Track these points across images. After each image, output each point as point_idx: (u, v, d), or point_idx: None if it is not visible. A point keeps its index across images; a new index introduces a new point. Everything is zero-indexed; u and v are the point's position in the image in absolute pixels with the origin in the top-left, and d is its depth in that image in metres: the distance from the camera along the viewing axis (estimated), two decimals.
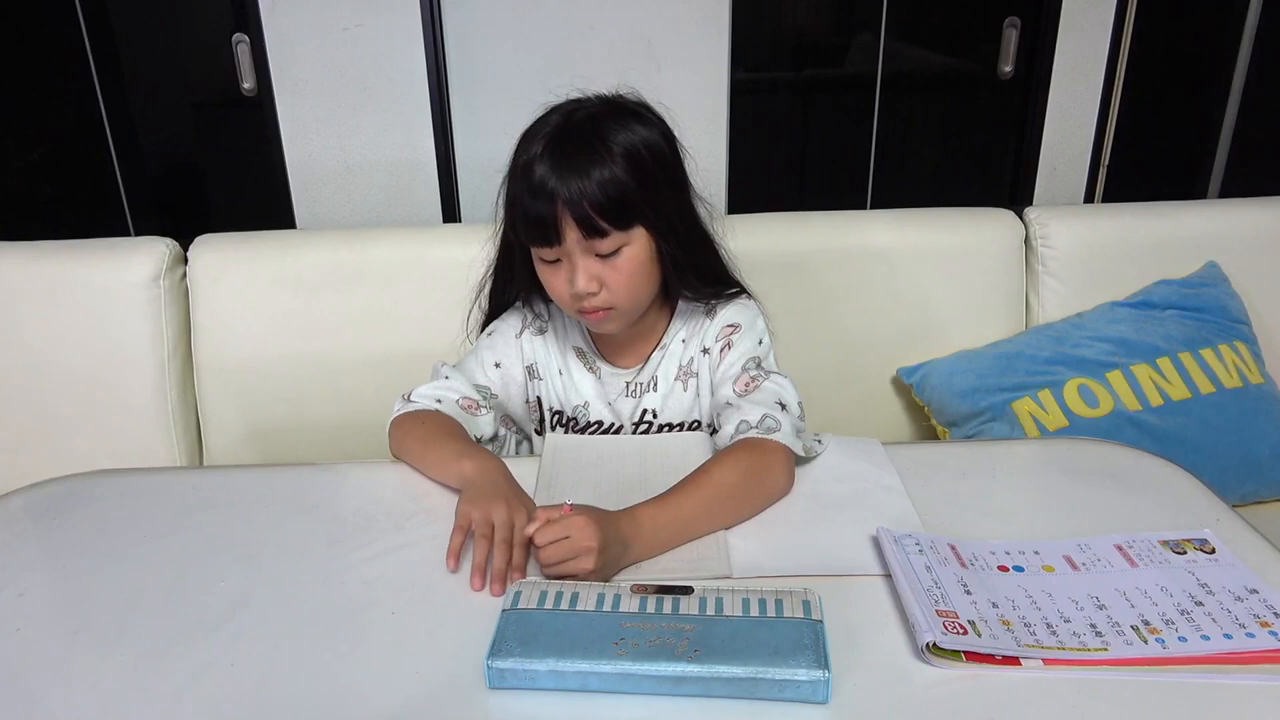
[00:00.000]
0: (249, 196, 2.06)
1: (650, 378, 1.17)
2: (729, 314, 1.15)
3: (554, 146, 1.02)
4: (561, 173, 1.00)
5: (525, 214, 1.02)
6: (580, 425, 1.19)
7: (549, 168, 1.00)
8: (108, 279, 1.51)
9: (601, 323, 1.09)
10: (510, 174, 1.06)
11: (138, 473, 1.11)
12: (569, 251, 1.03)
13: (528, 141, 1.04)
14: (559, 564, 0.84)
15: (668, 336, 1.17)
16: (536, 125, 1.06)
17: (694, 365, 1.17)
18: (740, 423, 1.03)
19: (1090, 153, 2.02)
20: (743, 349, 1.12)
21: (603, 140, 1.02)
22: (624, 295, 1.06)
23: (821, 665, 0.71)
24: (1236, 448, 1.46)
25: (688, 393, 1.17)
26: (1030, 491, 1.06)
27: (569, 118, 1.04)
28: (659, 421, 1.17)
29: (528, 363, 1.19)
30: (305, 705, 0.73)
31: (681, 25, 1.85)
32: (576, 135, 1.02)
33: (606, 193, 1.00)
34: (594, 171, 1.00)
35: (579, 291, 1.03)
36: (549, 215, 1.00)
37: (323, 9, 1.78)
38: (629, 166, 1.01)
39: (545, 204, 1.00)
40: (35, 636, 0.82)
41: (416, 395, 1.12)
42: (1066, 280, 1.60)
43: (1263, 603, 0.80)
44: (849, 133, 2.14)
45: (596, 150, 1.01)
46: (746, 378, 1.09)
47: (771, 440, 1.01)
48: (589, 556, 0.83)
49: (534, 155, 1.02)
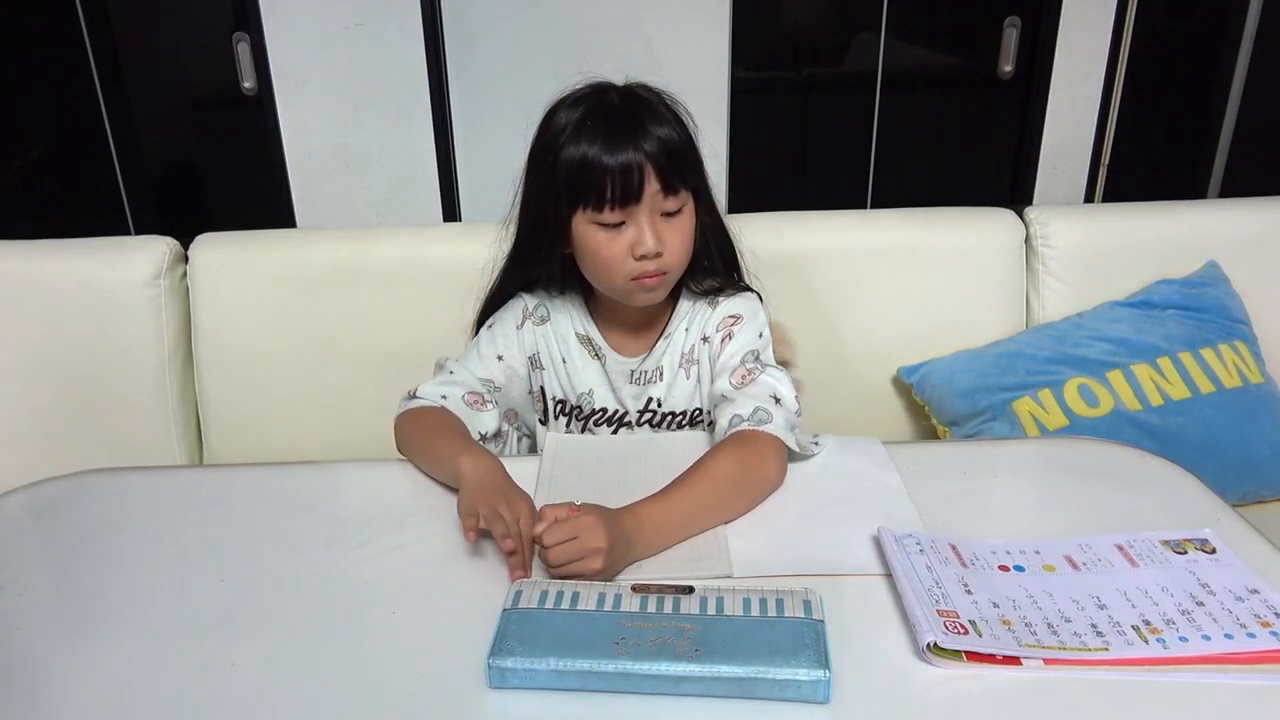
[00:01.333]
0: (249, 195, 2.06)
1: (655, 366, 1.18)
2: (732, 305, 1.16)
3: (615, 110, 1.03)
4: (635, 129, 1.01)
5: (599, 173, 1.01)
6: (585, 413, 1.19)
7: (621, 125, 1.02)
8: (108, 278, 1.51)
9: (653, 289, 1.09)
10: (556, 143, 1.04)
11: (138, 472, 1.11)
12: (637, 212, 1.03)
13: (572, 110, 1.04)
14: (567, 564, 0.84)
15: (672, 325, 1.18)
16: (570, 105, 1.06)
17: (695, 353, 1.17)
18: (733, 416, 1.04)
19: (1090, 152, 2.02)
20: (742, 341, 1.13)
21: (654, 106, 1.05)
22: (679, 258, 1.07)
23: (822, 665, 0.71)
24: (1237, 448, 1.46)
25: (690, 380, 1.18)
26: (1031, 491, 1.06)
27: (605, 91, 1.06)
28: (663, 410, 1.18)
29: (530, 353, 1.19)
30: (305, 705, 0.73)
31: (681, 25, 1.85)
32: (632, 100, 1.05)
33: (678, 147, 1.03)
34: (662, 129, 1.03)
35: (650, 250, 1.03)
36: (632, 168, 1.01)
37: (323, 8, 1.78)
38: (683, 130, 1.06)
39: (628, 158, 1.01)
40: (35, 636, 0.82)
41: (421, 392, 1.12)
42: (1067, 280, 1.60)
43: (1263, 603, 0.80)
44: (849, 132, 2.14)
45: (658, 110, 1.05)
46: (744, 370, 1.10)
47: (763, 432, 1.01)
48: (597, 557, 0.83)
49: (597, 117, 1.02)
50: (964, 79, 2.12)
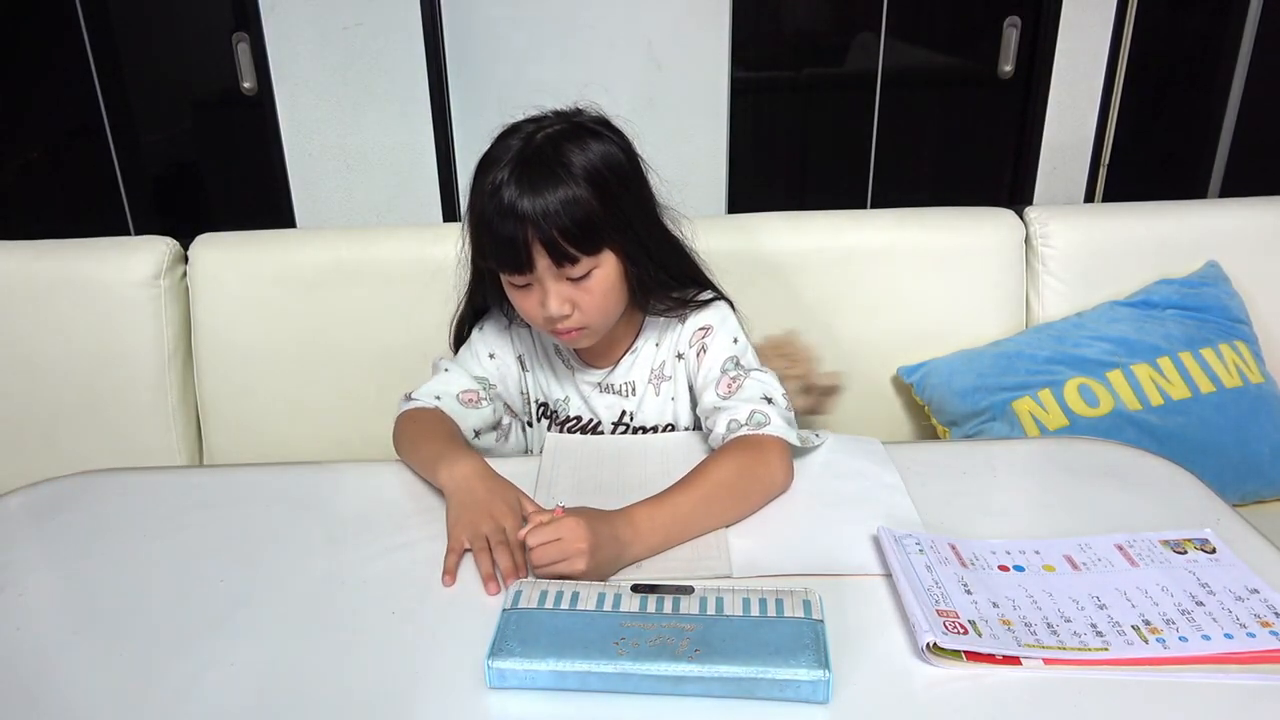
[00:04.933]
0: (249, 195, 2.06)
1: (622, 381, 1.18)
2: (700, 318, 1.16)
3: (518, 173, 1.00)
4: (527, 201, 0.99)
5: (495, 241, 1.01)
6: (561, 419, 1.20)
7: (515, 195, 0.99)
8: (108, 278, 1.51)
9: (576, 340, 1.10)
10: (474, 199, 1.04)
11: (138, 472, 1.11)
12: (540, 277, 1.02)
13: (489, 167, 1.02)
14: (550, 565, 0.84)
15: (639, 341, 1.18)
16: (497, 149, 1.04)
17: (666, 369, 1.17)
18: (730, 422, 1.04)
19: (1090, 152, 2.02)
20: (718, 351, 1.13)
21: (565, 164, 1.00)
22: (596, 315, 1.06)
23: (822, 665, 0.71)
24: (1236, 447, 1.46)
25: (660, 397, 1.18)
26: (1030, 491, 1.06)
27: (529, 140, 1.03)
28: (635, 424, 1.19)
29: (518, 353, 1.20)
30: (305, 705, 0.73)
31: (681, 25, 1.85)
32: (539, 160, 1.01)
33: (573, 219, 0.99)
34: (559, 197, 0.99)
35: (552, 315, 1.03)
36: (520, 243, 0.99)
37: (323, 8, 1.78)
38: (593, 189, 1.00)
39: (515, 232, 0.99)
40: (35, 636, 0.82)
41: (418, 393, 1.13)
42: (1066, 280, 1.60)
43: (1263, 602, 0.80)
44: (849, 132, 2.14)
45: (559, 175, 1.00)
46: (727, 380, 1.09)
47: (764, 434, 1.01)
48: (580, 558, 0.83)
49: (499, 182, 1.00)
50: (964, 79, 2.12)
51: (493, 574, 0.86)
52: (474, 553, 0.88)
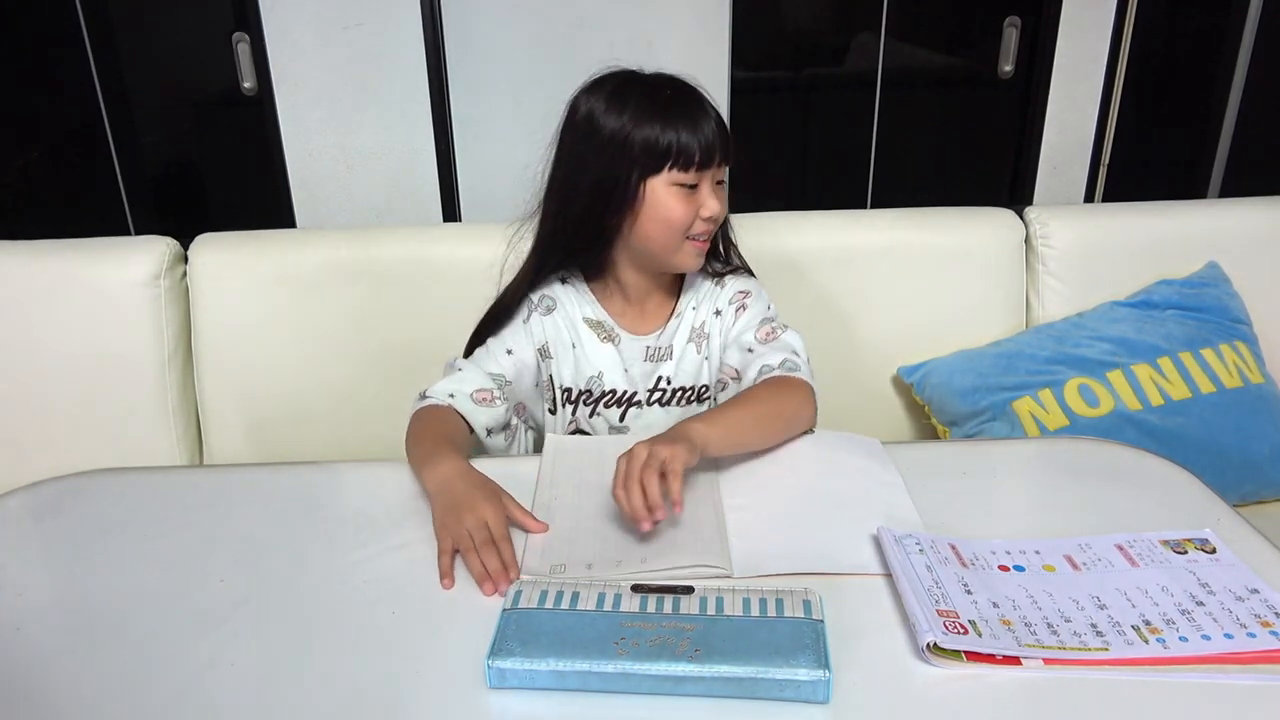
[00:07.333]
0: (249, 196, 2.06)
1: (668, 343, 1.23)
2: (740, 283, 1.24)
3: (676, 84, 1.12)
4: (702, 104, 1.11)
5: (677, 140, 1.08)
6: (595, 396, 1.22)
7: (693, 100, 1.11)
8: (108, 278, 1.51)
9: (700, 253, 1.16)
10: (623, 116, 1.09)
11: (138, 472, 1.11)
12: (705, 177, 1.11)
13: (631, 87, 1.11)
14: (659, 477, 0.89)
15: (681, 304, 1.24)
16: (621, 78, 1.12)
17: (705, 328, 1.23)
18: (762, 366, 1.13)
19: (1090, 152, 2.02)
20: (757, 310, 1.22)
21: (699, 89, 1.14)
22: (719, 225, 1.17)
23: (822, 665, 0.71)
24: (1237, 448, 1.46)
25: (699, 355, 1.23)
26: (1030, 491, 1.06)
27: (652, 75, 1.14)
28: (673, 386, 1.22)
29: (539, 344, 1.21)
30: (305, 705, 0.73)
31: (681, 25, 1.85)
32: (681, 81, 1.13)
33: (724, 124, 1.12)
34: (712, 108, 1.13)
35: (716, 213, 1.12)
36: (707, 134, 1.09)
37: (323, 8, 1.78)
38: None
39: (703, 125, 1.09)
40: (35, 636, 0.82)
41: (431, 391, 1.14)
42: (1067, 280, 1.60)
43: (1263, 602, 0.80)
44: (849, 132, 2.14)
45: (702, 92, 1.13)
46: (767, 328, 1.19)
47: (795, 377, 1.11)
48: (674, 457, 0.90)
49: (669, 89, 1.10)
50: (964, 79, 2.12)
51: (485, 574, 0.86)
52: (462, 554, 0.88)
